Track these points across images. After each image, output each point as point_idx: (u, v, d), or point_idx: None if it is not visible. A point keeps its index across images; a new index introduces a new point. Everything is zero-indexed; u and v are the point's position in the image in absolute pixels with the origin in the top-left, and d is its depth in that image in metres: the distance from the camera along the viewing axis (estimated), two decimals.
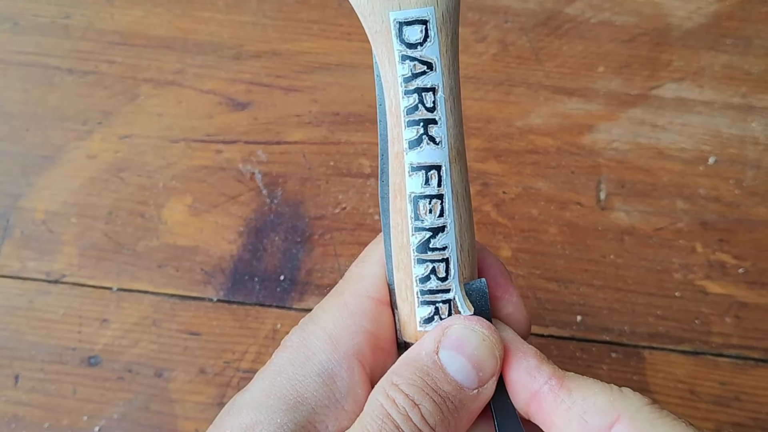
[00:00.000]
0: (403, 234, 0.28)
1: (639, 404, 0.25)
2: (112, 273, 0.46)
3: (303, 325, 0.29)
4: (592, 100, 0.49)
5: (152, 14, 0.52)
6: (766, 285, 0.45)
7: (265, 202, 0.47)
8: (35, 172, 0.48)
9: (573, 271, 0.46)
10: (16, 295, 0.45)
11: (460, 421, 0.26)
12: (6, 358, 0.44)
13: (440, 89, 0.27)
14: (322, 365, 0.27)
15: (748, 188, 0.47)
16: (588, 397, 0.26)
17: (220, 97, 0.50)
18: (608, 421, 0.25)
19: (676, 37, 0.51)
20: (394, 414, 0.25)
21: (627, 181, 0.47)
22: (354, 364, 0.27)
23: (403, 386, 0.26)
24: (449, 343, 0.27)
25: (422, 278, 0.28)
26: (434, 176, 0.27)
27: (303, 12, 0.52)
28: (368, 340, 0.28)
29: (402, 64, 0.27)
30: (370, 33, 0.27)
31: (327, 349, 0.27)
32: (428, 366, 0.26)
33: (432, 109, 0.27)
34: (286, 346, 0.28)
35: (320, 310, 0.29)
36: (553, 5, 0.52)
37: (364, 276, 0.29)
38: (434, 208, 0.28)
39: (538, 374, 0.27)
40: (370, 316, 0.28)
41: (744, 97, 0.49)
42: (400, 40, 0.27)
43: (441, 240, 0.28)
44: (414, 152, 0.27)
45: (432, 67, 0.27)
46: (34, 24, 0.52)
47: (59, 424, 0.43)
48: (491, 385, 0.27)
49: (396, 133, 0.28)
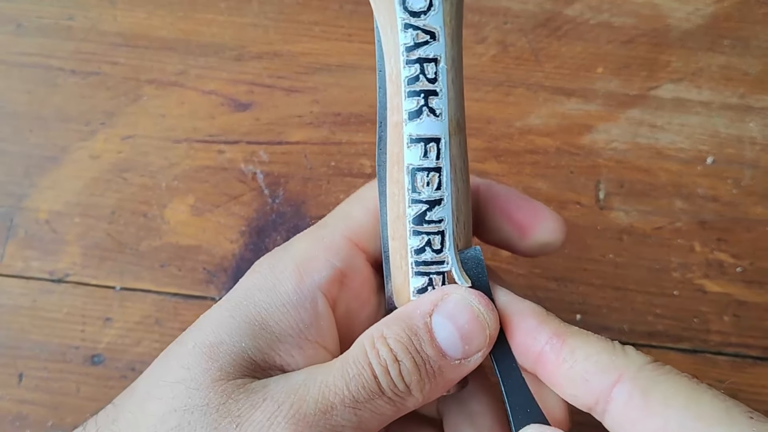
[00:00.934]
0: (399, 204, 0.28)
1: (640, 363, 0.25)
2: (115, 272, 0.46)
3: (275, 251, 0.29)
4: (591, 101, 0.49)
5: (155, 16, 0.52)
6: (764, 284, 0.45)
7: (267, 202, 0.47)
8: (39, 173, 0.48)
9: (572, 270, 0.46)
10: (19, 294, 0.45)
11: (436, 386, 0.26)
12: (10, 357, 0.44)
13: (442, 60, 0.27)
14: (288, 295, 0.27)
15: (746, 188, 0.47)
16: (590, 356, 0.26)
17: (222, 98, 0.50)
18: (610, 381, 0.25)
19: (675, 38, 0.51)
20: (374, 364, 0.26)
21: (626, 180, 0.47)
22: (318, 295, 0.28)
23: (390, 340, 0.26)
24: (444, 310, 0.27)
25: (417, 249, 0.28)
26: (433, 149, 0.27)
27: (304, 14, 0.52)
28: (335, 276, 0.28)
29: (404, 33, 0.26)
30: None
31: (293, 279, 0.28)
32: (418, 326, 0.26)
33: (433, 80, 0.27)
34: (255, 271, 0.29)
35: (295, 240, 0.29)
36: (552, 7, 0.52)
37: (349, 216, 0.29)
38: (432, 181, 0.27)
39: (539, 335, 0.27)
40: (342, 255, 0.29)
41: (742, 97, 0.49)
42: (403, 7, 0.26)
43: (437, 213, 0.27)
44: (413, 123, 0.27)
45: (435, 37, 0.26)
46: (38, 25, 0.52)
47: (63, 423, 0.43)
48: (475, 360, 0.27)
49: (395, 103, 0.27)
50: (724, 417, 0.23)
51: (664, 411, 0.24)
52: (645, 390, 0.24)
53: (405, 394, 0.26)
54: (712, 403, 0.23)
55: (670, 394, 0.24)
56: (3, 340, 0.44)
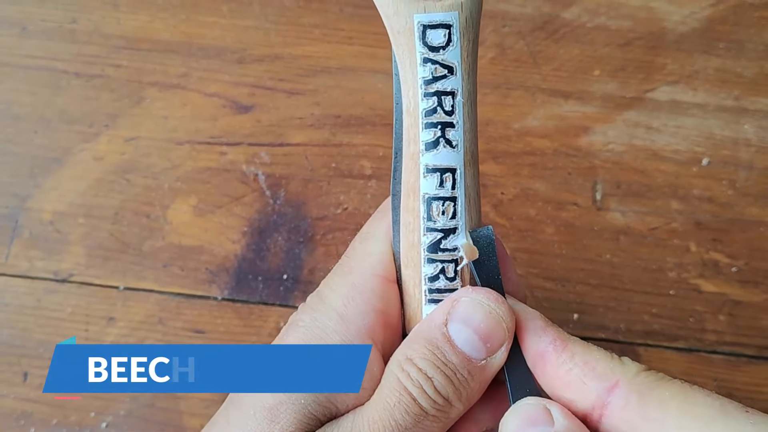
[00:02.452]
0: (414, 233, 0.28)
1: (636, 370, 0.25)
2: (119, 272, 0.46)
3: (312, 304, 0.29)
4: (588, 103, 0.49)
5: (157, 19, 0.52)
6: (758, 283, 0.45)
7: (269, 203, 0.47)
8: (43, 174, 0.48)
9: (570, 270, 0.46)
10: (24, 294, 0.45)
11: (472, 390, 0.27)
12: (15, 356, 0.44)
13: (459, 93, 0.27)
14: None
15: (741, 189, 0.47)
16: (588, 362, 0.26)
17: (224, 100, 0.50)
18: (607, 386, 0.25)
19: (671, 41, 0.51)
20: (410, 387, 0.26)
21: (622, 182, 0.48)
22: (367, 343, 0.28)
23: (416, 360, 0.26)
24: (457, 316, 0.27)
25: (431, 277, 0.28)
26: (449, 179, 0.27)
27: (305, 17, 0.52)
28: (378, 318, 0.28)
29: (423, 67, 0.27)
30: (392, 33, 0.27)
31: (340, 330, 0.28)
32: (438, 339, 0.27)
33: (450, 112, 0.27)
34: (298, 326, 0.28)
35: (328, 289, 0.29)
36: (550, 10, 0.52)
37: (370, 253, 0.29)
38: (447, 210, 0.28)
39: (544, 335, 0.27)
40: (379, 294, 0.28)
41: (737, 99, 0.49)
42: (423, 42, 0.27)
43: (452, 241, 0.28)
44: (430, 154, 0.27)
45: (453, 71, 0.27)
46: (42, 28, 0.52)
47: (67, 421, 0.43)
48: (501, 355, 0.27)
49: (413, 134, 0.27)
50: (719, 414, 0.23)
51: (662, 413, 0.24)
52: (641, 394, 0.25)
53: (446, 406, 0.26)
54: (706, 402, 0.24)
55: (665, 396, 0.24)
56: (8, 339, 0.44)
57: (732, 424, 0.23)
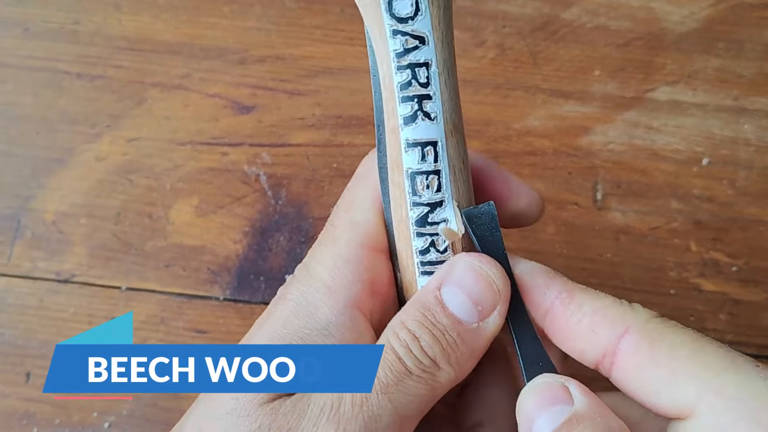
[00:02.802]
0: (401, 207, 0.28)
1: (647, 316, 0.25)
2: (121, 273, 0.46)
3: (300, 277, 0.29)
4: (588, 103, 0.49)
5: (159, 20, 0.52)
6: (758, 282, 0.45)
7: (270, 203, 0.47)
8: (45, 174, 0.48)
9: (570, 269, 0.45)
10: (27, 294, 0.45)
11: (462, 354, 0.26)
12: (18, 356, 0.44)
13: (434, 63, 0.26)
14: (326, 318, 0.27)
15: (741, 188, 0.47)
16: (597, 310, 0.26)
17: (226, 101, 0.50)
18: (617, 333, 0.25)
19: (670, 41, 0.51)
20: (396, 346, 0.26)
21: (623, 181, 0.47)
22: (355, 313, 0.28)
23: (407, 322, 0.26)
24: (450, 280, 0.27)
25: (422, 250, 0.28)
26: (430, 152, 0.27)
27: (306, 18, 0.52)
28: (366, 288, 0.28)
29: (393, 39, 0.26)
30: (361, 6, 0.26)
31: (328, 302, 0.27)
32: (430, 302, 0.26)
33: (426, 84, 0.26)
34: (286, 298, 0.28)
35: (315, 261, 0.29)
36: (549, 10, 0.52)
37: (356, 223, 0.29)
38: (431, 184, 0.27)
39: (548, 290, 0.27)
40: (366, 264, 0.28)
41: (736, 99, 0.49)
42: (390, 14, 0.25)
43: (439, 214, 0.27)
44: (409, 128, 0.26)
45: (424, 41, 0.26)
46: (44, 30, 0.52)
47: (70, 420, 0.43)
48: (494, 320, 0.27)
49: (390, 108, 0.27)
50: (730, 365, 0.23)
51: (672, 361, 0.24)
52: (652, 341, 0.24)
53: (433, 368, 0.26)
54: (717, 353, 0.24)
55: (676, 344, 0.24)
56: (11, 339, 0.44)
57: (742, 376, 0.23)
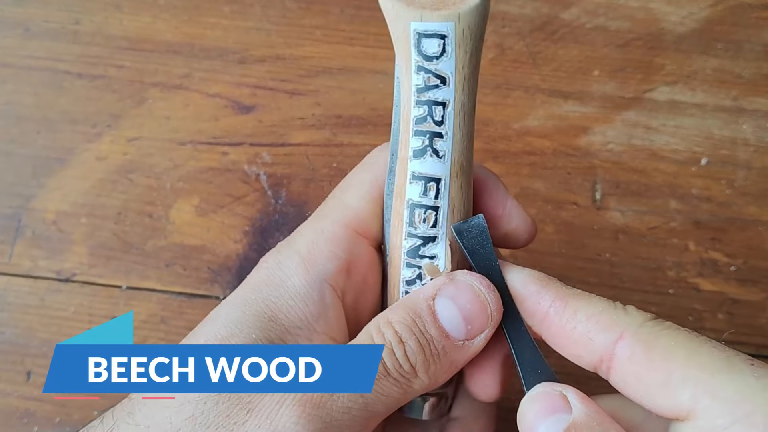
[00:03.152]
0: (397, 235, 0.28)
1: (641, 320, 0.25)
2: (121, 272, 0.45)
3: (279, 247, 0.29)
4: (587, 103, 0.49)
5: (160, 20, 0.52)
6: (757, 282, 0.45)
7: (270, 203, 0.47)
8: (46, 174, 0.48)
9: (569, 269, 0.45)
10: (27, 293, 0.45)
11: (441, 367, 0.26)
12: (18, 355, 0.44)
13: (451, 104, 0.26)
14: (296, 288, 0.27)
15: (740, 188, 0.47)
16: (592, 317, 0.26)
17: (226, 101, 0.50)
18: (612, 339, 0.25)
19: (669, 41, 0.51)
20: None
21: (621, 181, 0.47)
22: (326, 288, 0.28)
23: (395, 323, 0.26)
24: (446, 292, 0.27)
25: (408, 281, 0.28)
26: (433, 188, 0.27)
27: (306, 18, 0.52)
28: (341, 266, 0.28)
29: (417, 74, 0.26)
30: (393, 36, 0.27)
31: (300, 273, 0.28)
32: (422, 309, 0.26)
33: (440, 122, 0.27)
34: (261, 267, 0.28)
35: (297, 234, 0.29)
36: (549, 11, 0.52)
37: (347, 206, 0.29)
38: (428, 219, 0.27)
39: (542, 299, 0.27)
40: (345, 245, 0.28)
41: (735, 99, 0.49)
42: (417, 50, 0.26)
43: (431, 249, 0.28)
44: (417, 161, 0.27)
45: (446, 82, 0.26)
46: (45, 29, 0.51)
47: (70, 419, 0.42)
48: (480, 341, 0.27)
49: (404, 139, 0.27)
50: (725, 365, 0.23)
51: (667, 364, 0.24)
52: (647, 345, 0.24)
53: (410, 374, 0.26)
54: (712, 354, 0.24)
55: (671, 347, 0.24)
56: (11, 338, 0.44)
57: (736, 377, 0.23)
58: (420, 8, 0.26)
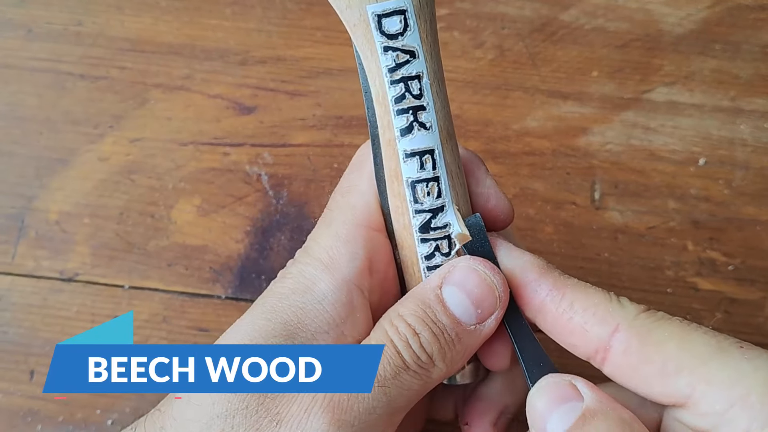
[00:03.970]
0: (403, 216, 0.28)
1: (635, 312, 0.26)
2: (124, 271, 0.45)
3: (299, 257, 0.29)
4: (586, 104, 0.49)
5: (161, 22, 0.51)
6: (754, 281, 0.45)
7: (271, 203, 0.47)
8: (49, 174, 0.48)
9: (568, 268, 0.45)
10: (30, 293, 0.45)
11: (457, 353, 0.27)
12: (22, 354, 0.43)
13: (425, 75, 0.26)
14: (323, 292, 0.27)
15: (737, 188, 0.47)
16: (588, 308, 0.26)
17: (227, 102, 0.49)
18: (608, 331, 0.25)
19: (667, 42, 0.51)
20: (396, 340, 0.26)
21: (620, 181, 0.47)
22: (352, 289, 0.28)
23: (407, 316, 0.26)
24: (452, 279, 0.27)
25: (427, 256, 0.28)
26: (428, 160, 0.27)
27: (307, 19, 0.51)
28: (363, 265, 0.28)
29: (384, 55, 0.26)
30: (349, 25, 0.26)
31: (326, 278, 0.27)
32: (431, 299, 0.27)
33: (419, 96, 0.26)
34: (285, 276, 0.28)
35: (313, 242, 0.29)
36: (548, 12, 0.51)
37: (354, 206, 0.29)
38: (432, 191, 0.27)
39: (539, 288, 0.27)
40: (362, 242, 0.28)
41: (733, 100, 0.49)
42: (380, 32, 0.26)
43: (441, 219, 0.27)
44: (406, 139, 0.27)
45: (415, 55, 0.26)
46: (47, 31, 0.51)
47: (73, 418, 0.42)
48: (491, 323, 0.27)
49: (386, 121, 0.27)
50: (716, 351, 0.24)
51: (661, 355, 0.24)
52: (641, 337, 0.25)
53: (428, 364, 0.26)
54: (703, 341, 0.24)
55: (664, 338, 0.25)
56: (15, 337, 0.44)
57: (728, 361, 0.23)
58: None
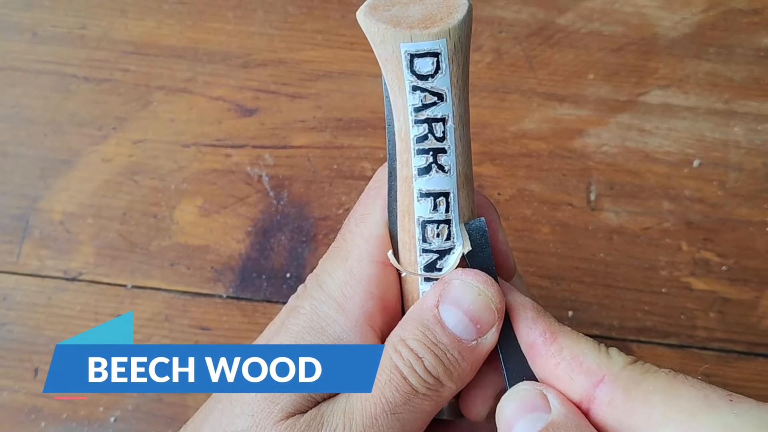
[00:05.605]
0: (411, 251, 0.27)
1: (622, 364, 0.25)
2: (127, 271, 0.45)
3: (312, 291, 0.28)
4: (582, 106, 0.49)
5: (164, 25, 0.51)
6: (747, 281, 0.45)
7: (272, 204, 0.47)
8: (53, 175, 0.47)
9: (565, 268, 0.45)
10: (35, 292, 0.45)
11: (463, 370, 0.26)
12: (26, 353, 0.43)
13: (450, 119, 0.25)
14: (337, 334, 0.27)
15: (731, 190, 0.47)
16: (576, 356, 0.25)
17: (229, 104, 0.49)
18: (593, 382, 0.25)
19: (662, 46, 0.50)
20: (401, 366, 0.25)
21: (616, 183, 0.47)
22: (366, 330, 0.27)
23: (408, 341, 0.26)
24: (447, 298, 0.26)
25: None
26: (442, 203, 0.26)
27: (307, 23, 0.51)
28: (376, 304, 0.28)
29: (412, 95, 0.25)
30: (381, 59, 0.25)
31: (339, 319, 0.27)
32: (429, 320, 0.26)
33: (442, 138, 0.26)
34: (298, 312, 0.28)
35: (327, 276, 0.28)
36: (545, 16, 0.51)
37: (367, 238, 0.28)
38: (441, 233, 0.26)
39: (534, 327, 0.26)
40: (376, 280, 0.28)
41: (727, 103, 0.49)
42: (411, 71, 0.25)
43: (447, 261, 0.27)
44: (423, 179, 0.26)
45: (443, 98, 0.25)
46: (52, 34, 0.51)
47: (76, 415, 0.42)
48: (492, 335, 0.26)
49: (405, 159, 0.26)
50: (703, 405, 0.23)
51: (647, 408, 0.23)
52: (627, 390, 0.24)
53: (436, 385, 0.26)
54: (691, 394, 0.23)
55: (650, 391, 0.24)
56: (19, 336, 0.44)
57: (715, 416, 0.22)
58: (408, 28, 0.24)
